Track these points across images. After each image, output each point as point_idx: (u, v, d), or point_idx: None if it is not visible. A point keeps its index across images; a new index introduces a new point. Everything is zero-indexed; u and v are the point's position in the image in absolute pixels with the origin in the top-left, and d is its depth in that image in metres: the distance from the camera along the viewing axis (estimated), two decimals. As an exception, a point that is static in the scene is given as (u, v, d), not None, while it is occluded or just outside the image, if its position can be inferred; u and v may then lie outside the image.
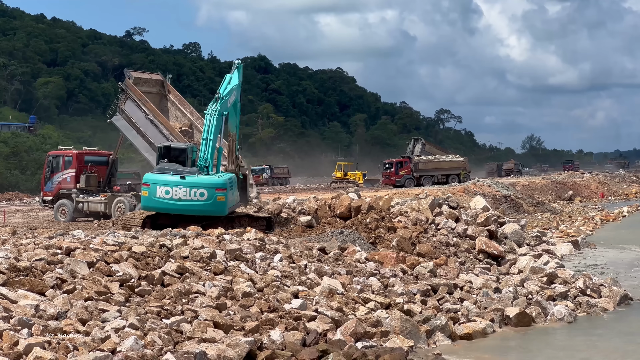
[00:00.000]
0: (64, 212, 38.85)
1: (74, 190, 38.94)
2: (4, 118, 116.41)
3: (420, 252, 24.76)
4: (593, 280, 21.98)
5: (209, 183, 24.29)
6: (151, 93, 39.60)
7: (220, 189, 24.21)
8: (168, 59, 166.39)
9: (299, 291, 16.66)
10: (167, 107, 40.01)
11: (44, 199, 40.61)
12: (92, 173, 39.23)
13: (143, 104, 37.69)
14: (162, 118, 37.83)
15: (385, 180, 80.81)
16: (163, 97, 40.28)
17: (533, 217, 47.88)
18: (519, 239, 29.17)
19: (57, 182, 39.69)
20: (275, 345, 13.29)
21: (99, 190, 39.14)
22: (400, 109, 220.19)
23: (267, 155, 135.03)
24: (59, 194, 39.38)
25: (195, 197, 24.28)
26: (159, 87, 40.56)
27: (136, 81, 39.07)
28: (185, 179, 24.55)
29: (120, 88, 39.22)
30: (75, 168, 39.33)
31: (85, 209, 38.74)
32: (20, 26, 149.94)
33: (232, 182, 25.19)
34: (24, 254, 15.61)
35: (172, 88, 41.26)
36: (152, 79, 40.75)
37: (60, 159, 40.07)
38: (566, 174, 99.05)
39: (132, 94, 37.93)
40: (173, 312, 13.87)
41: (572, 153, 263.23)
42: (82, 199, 38.69)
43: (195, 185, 24.36)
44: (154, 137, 37.44)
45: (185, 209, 24.80)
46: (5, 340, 11.24)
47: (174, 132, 37.40)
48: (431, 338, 16.21)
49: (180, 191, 24.43)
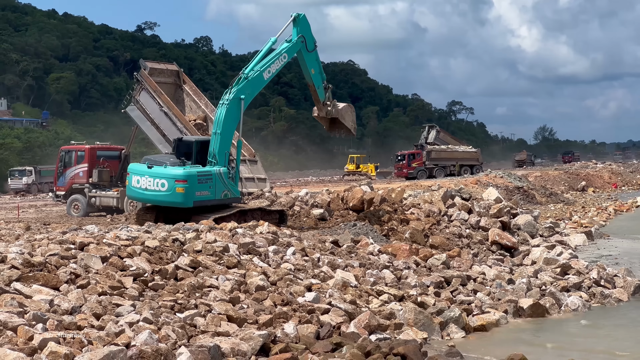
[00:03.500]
0: (76, 207, 39.03)
1: (86, 185, 39.10)
2: (17, 114, 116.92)
3: (433, 244, 24.75)
4: (607, 270, 21.93)
5: (169, 174, 24.52)
6: (166, 83, 39.56)
7: (180, 181, 24.30)
8: (179, 53, 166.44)
9: (312, 284, 16.66)
10: (182, 97, 39.99)
11: (57, 193, 40.75)
12: (105, 168, 39.38)
13: (158, 96, 37.68)
14: (177, 110, 37.81)
15: (397, 172, 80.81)
16: (178, 87, 40.24)
17: (546, 208, 47.77)
18: (532, 230, 29.10)
19: (69, 177, 39.86)
20: (289, 338, 13.30)
21: (111, 185, 39.26)
22: (412, 101, 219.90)
23: (279, 149, 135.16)
24: (71, 189, 39.54)
25: (157, 187, 24.65)
26: (174, 77, 40.51)
27: (151, 72, 39.03)
28: (152, 169, 24.93)
29: (135, 78, 39.22)
30: (88, 163, 39.51)
31: (97, 203, 38.88)
32: (32, 22, 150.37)
33: (207, 175, 24.78)
34: (37, 249, 15.66)
35: (188, 79, 41.19)
36: (168, 70, 40.71)
37: (73, 154, 40.28)
38: (579, 165, 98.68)
39: (147, 85, 37.92)
40: (187, 306, 13.89)
41: (584, 144, 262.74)
42: (94, 193, 38.82)
43: (157, 175, 24.70)
44: (168, 129, 37.45)
45: (150, 199, 25.51)
46: (20, 335, 11.28)
47: (188, 125, 37.37)
48: (445, 330, 16.19)
49: (146, 181, 24.88)
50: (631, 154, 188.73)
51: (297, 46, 26.30)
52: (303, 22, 26.41)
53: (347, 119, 28.35)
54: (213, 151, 25.00)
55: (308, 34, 26.53)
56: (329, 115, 27.96)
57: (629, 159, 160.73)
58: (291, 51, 26.35)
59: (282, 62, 26.23)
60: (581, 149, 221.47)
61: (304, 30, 26.38)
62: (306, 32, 26.45)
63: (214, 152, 24.94)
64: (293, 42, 26.17)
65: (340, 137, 31.02)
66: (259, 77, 25.59)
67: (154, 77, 38.73)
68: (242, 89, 25.15)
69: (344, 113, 28.28)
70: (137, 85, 38.65)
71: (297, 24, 26.23)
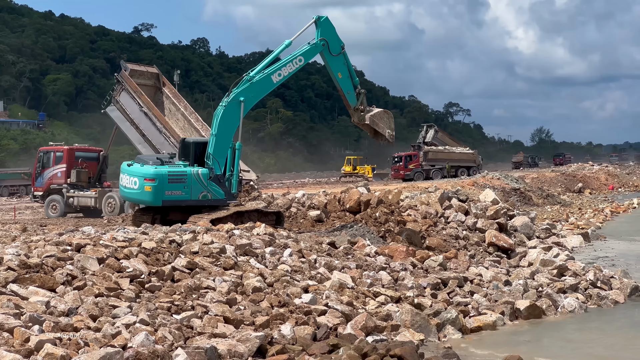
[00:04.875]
0: (54, 207, 39.48)
1: (64, 185, 39.39)
2: (14, 115, 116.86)
3: (430, 246, 24.75)
4: (603, 272, 21.94)
5: (140, 173, 24.77)
6: (146, 85, 39.87)
7: (148, 179, 24.50)
8: (176, 54, 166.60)
9: (309, 286, 16.65)
10: (162, 100, 40.19)
11: (35, 194, 41.09)
12: (83, 168, 39.86)
13: (138, 96, 37.96)
14: (156, 111, 38.08)
15: (394, 174, 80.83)
16: (158, 90, 40.52)
17: (543, 210, 47.78)
18: (528, 231, 29.11)
19: (47, 178, 40.32)
20: (285, 339, 13.29)
21: (89, 186, 39.61)
22: (409, 103, 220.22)
23: (276, 151, 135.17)
24: (49, 189, 39.87)
25: (131, 185, 24.98)
26: (154, 80, 40.78)
27: (132, 73, 39.27)
28: (130, 167, 25.26)
29: (115, 79, 39.44)
30: (66, 163, 39.99)
31: (75, 203, 39.44)
32: (29, 23, 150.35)
33: (179, 175, 24.71)
34: (34, 250, 15.64)
35: (167, 81, 41.48)
36: (148, 72, 40.99)
37: (51, 155, 40.71)
38: (576, 167, 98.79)
39: (128, 86, 38.19)
40: (183, 308, 13.88)
41: (581, 145, 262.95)
42: (72, 194, 39.18)
43: (132, 174, 24.98)
44: (147, 129, 37.76)
45: (128, 197, 26.11)
46: (16, 337, 11.27)
47: (168, 126, 37.61)
48: (442, 331, 16.19)
49: (125, 179, 25.24)
50: (628, 155, 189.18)
51: (315, 50, 25.42)
52: (325, 24, 25.41)
53: (382, 125, 26.86)
54: (209, 153, 24.93)
55: (332, 36, 25.53)
56: (361, 121, 26.60)
57: (625, 160, 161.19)
58: (308, 54, 25.49)
59: (296, 65, 25.44)
60: (578, 150, 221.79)
61: (327, 33, 25.40)
62: (329, 34, 25.47)
63: (210, 154, 24.87)
64: (312, 45, 25.35)
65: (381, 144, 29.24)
66: (266, 80, 24.95)
67: (134, 78, 39.02)
68: (243, 92, 24.69)
69: (378, 119, 26.75)
70: (117, 85, 38.93)
71: (319, 26, 25.34)
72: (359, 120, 26.67)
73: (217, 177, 24.84)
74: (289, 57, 25.38)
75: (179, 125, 38.89)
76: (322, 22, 25.45)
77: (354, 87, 26.30)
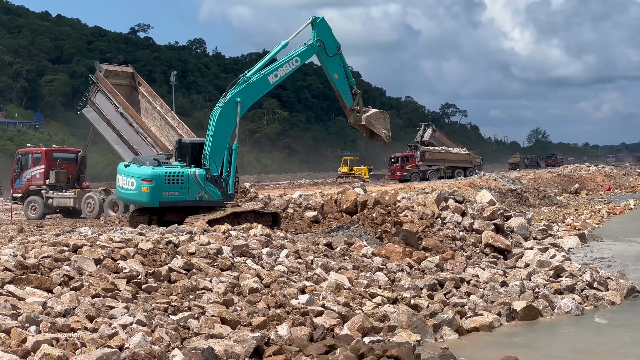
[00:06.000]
0: (34, 208, 39.79)
1: (43, 186, 39.62)
2: (10, 116, 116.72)
3: (426, 247, 24.77)
4: (600, 273, 21.96)
5: (137, 173, 24.79)
6: (122, 85, 40.03)
7: (145, 180, 24.52)
8: (173, 55, 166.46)
9: (305, 286, 16.66)
10: (138, 99, 40.29)
11: (14, 195, 41.25)
12: (62, 169, 40.18)
13: (113, 97, 38.12)
14: (132, 111, 38.22)
15: (391, 175, 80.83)
16: (134, 89, 40.58)
17: (539, 211, 47.84)
18: (525, 232, 29.14)
19: (26, 179, 40.55)
20: (282, 340, 13.30)
21: (68, 186, 39.90)
22: (406, 104, 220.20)
23: (272, 152, 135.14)
24: (28, 191, 40.12)
25: (128, 185, 24.97)
26: (129, 79, 40.88)
27: (107, 74, 39.41)
28: (127, 168, 25.25)
29: (90, 80, 39.55)
30: (45, 165, 40.23)
31: (55, 204, 39.77)
32: (25, 24, 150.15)
33: (177, 176, 24.72)
34: (31, 251, 15.63)
35: (143, 81, 41.56)
36: (123, 72, 41.13)
37: (30, 156, 41.02)
38: (573, 167, 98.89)
39: (103, 87, 38.33)
40: (180, 308, 13.88)
41: (577, 146, 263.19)
42: (51, 194, 39.49)
43: (129, 174, 24.98)
44: (124, 129, 37.94)
45: (125, 198, 26.17)
46: (13, 338, 11.27)
47: (144, 125, 37.70)
48: (438, 332, 16.21)
49: (122, 179, 25.22)
50: (624, 156, 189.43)
51: (311, 50, 25.45)
52: (321, 25, 25.42)
53: (378, 126, 26.70)
54: (206, 153, 24.91)
55: (328, 37, 25.55)
56: (357, 122, 26.49)
57: (621, 161, 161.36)
58: (304, 55, 25.54)
59: (292, 66, 25.41)
60: (574, 151, 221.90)
61: (323, 34, 25.41)
62: (326, 35, 25.48)
63: (207, 154, 24.85)
64: (308, 46, 25.36)
65: (377, 145, 29.06)
66: (262, 81, 24.95)
67: (110, 79, 39.13)
68: (240, 92, 24.65)
69: (374, 120, 26.61)
70: (93, 87, 39.01)
71: (315, 27, 25.35)
72: (355, 121, 26.59)
73: (214, 177, 24.82)
74: (286, 58, 25.38)
75: (156, 124, 39.03)
76: (318, 22, 25.45)
77: (350, 87, 26.25)
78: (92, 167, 65.11)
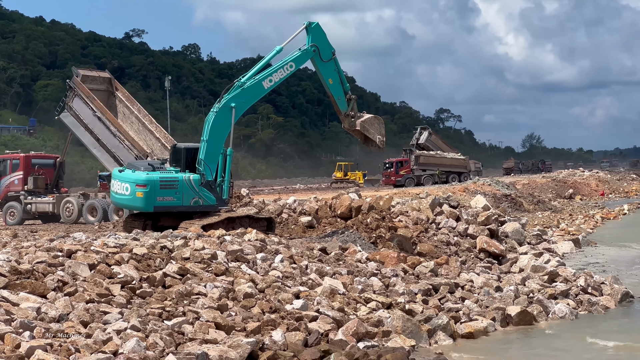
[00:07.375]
0: (12, 214, 40.07)
1: (22, 192, 39.81)
2: (4, 121, 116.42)
3: (421, 252, 24.77)
4: (594, 278, 22.00)
5: (131, 179, 24.80)
6: (99, 90, 40.12)
7: (140, 185, 24.55)
8: (167, 60, 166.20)
9: (300, 292, 16.66)
10: (115, 104, 40.38)
11: None
12: (40, 175, 40.43)
13: (91, 102, 38.21)
14: (110, 115, 38.34)
15: (385, 180, 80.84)
16: (111, 94, 40.66)
17: (534, 216, 47.90)
18: (519, 237, 29.17)
19: (4, 185, 40.78)
20: (277, 345, 13.29)
21: (47, 192, 40.23)
22: (400, 109, 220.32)
23: (267, 157, 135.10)
24: (7, 197, 40.30)
25: (122, 191, 24.98)
26: (107, 84, 40.95)
27: (84, 79, 39.46)
28: (122, 173, 25.27)
29: (67, 85, 39.60)
30: (23, 171, 40.49)
31: (33, 210, 40.05)
32: (20, 29, 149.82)
33: (171, 181, 24.73)
34: (25, 256, 15.61)
35: (120, 85, 41.69)
36: (100, 77, 41.24)
37: (8, 163, 41.23)
38: (567, 173, 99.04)
39: (80, 92, 38.39)
40: (174, 314, 13.87)
41: (572, 151, 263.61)
42: (30, 200, 39.81)
43: (124, 180, 24.99)
44: (102, 133, 38.06)
45: (119, 203, 26.21)
46: (7, 343, 11.25)
47: (121, 129, 37.78)
48: (433, 337, 16.22)
49: (116, 185, 25.24)
50: (618, 161, 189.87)
51: (306, 56, 25.43)
52: (316, 30, 25.39)
53: (372, 131, 26.67)
54: (200, 158, 24.91)
55: (323, 43, 25.51)
56: (352, 127, 26.45)
57: (615, 166, 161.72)
58: (299, 60, 25.55)
59: (287, 71, 25.41)
60: (568, 156, 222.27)
61: (318, 39, 25.38)
62: (320, 41, 25.45)
63: (201, 160, 24.85)
64: (302, 51, 25.32)
65: (371, 150, 29.00)
66: (257, 86, 24.96)
67: (87, 84, 39.20)
68: (234, 98, 24.68)
69: (368, 125, 26.59)
70: (70, 92, 39.07)
71: (310, 32, 25.31)
72: (350, 126, 26.59)
73: (209, 182, 24.83)
74: (280, 63, 25.39)
75: (134, 128, 39.12)
76: (313, 28, 25.43)
77: (345, 93, 26.25)
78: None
